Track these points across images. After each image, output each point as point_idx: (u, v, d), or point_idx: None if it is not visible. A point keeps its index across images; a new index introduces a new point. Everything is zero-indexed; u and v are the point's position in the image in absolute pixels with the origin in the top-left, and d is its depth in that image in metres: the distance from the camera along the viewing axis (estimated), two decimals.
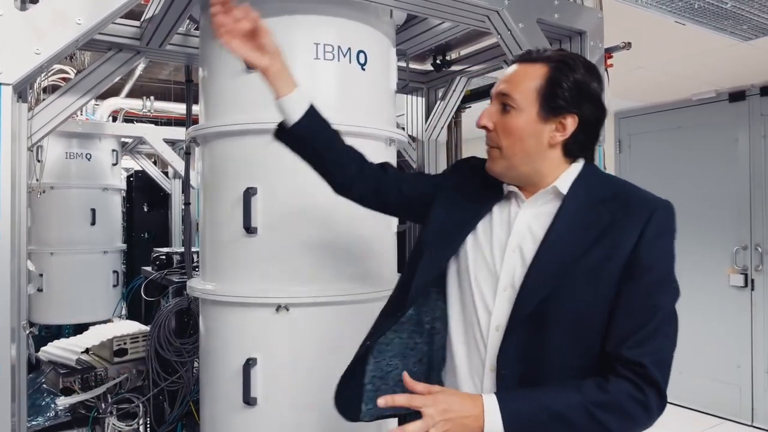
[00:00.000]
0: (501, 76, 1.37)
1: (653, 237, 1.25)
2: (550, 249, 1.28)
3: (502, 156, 1.32)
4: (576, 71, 1.29)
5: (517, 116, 1.29)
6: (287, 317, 1.99)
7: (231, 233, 2.05)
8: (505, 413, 1.16)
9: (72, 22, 1.42)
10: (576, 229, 1.27)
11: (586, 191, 1.32)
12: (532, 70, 1.31)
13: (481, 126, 1.33)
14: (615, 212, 1.27)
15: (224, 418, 2.10)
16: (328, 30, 2.06)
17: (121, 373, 3.07)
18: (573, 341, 1.25)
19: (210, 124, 2.13)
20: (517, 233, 1.33)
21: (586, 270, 1.24)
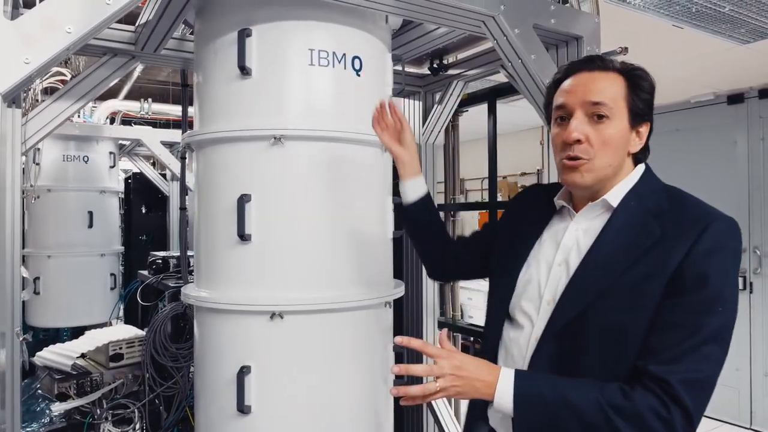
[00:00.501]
0: (568, 87, 1.32)
1: (704, 253, 1.16)
2: (591, 264, 1.27)
3: (593, 168, 1.27)
4: (646, 79, 1.31)
5: (612, 125, 1.27)
6: (282, 325, 1.98)
7: (225, 240, 2.04)
8: (518, 389, 1.18)
9: (62, 30, 1.41)
10: (621, 245, 1.25)
11: (639, 203, 1.28)
12: (612, 78, 1.29)
13: (574, 140, 1.26)
14: (666, 226, 1.22)
15: (218, 426, 2.08)
16: (323, 36, 2.04)
17: (117, 378, 3.06)
18: (607, 359, 1.22)
19: (204, 131, 2.11)
20: (564, 248, 1.34)
21: (626, 288, 1.21)
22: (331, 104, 2.07)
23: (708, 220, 1.21)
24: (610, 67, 1.31)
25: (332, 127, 2.04)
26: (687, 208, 1.27)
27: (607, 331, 1.21)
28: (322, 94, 2.06)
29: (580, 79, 1.31)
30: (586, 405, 1.14)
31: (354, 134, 2.07)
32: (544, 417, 1.18)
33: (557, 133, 1.32)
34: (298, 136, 2.00)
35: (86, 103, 2.52)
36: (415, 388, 1.21)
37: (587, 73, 1.30)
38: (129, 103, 5.30)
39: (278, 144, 1.98)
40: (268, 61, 2.00)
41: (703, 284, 1.15)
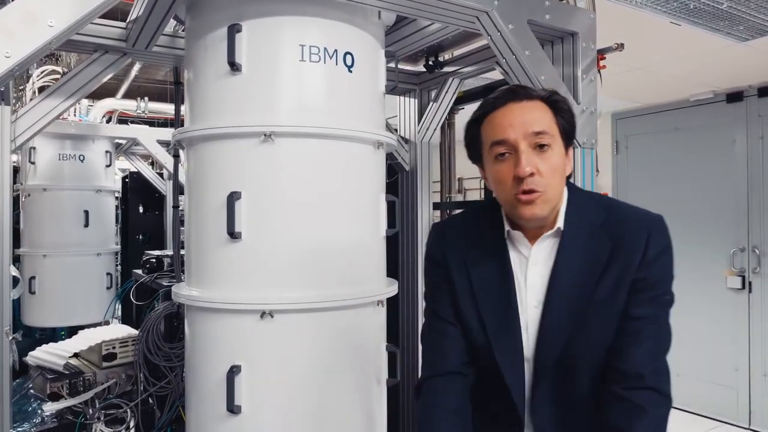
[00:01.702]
0: (502, 121, 1.28)
1: (655, 257, 1.26)
2: (559, 293, 1.27)
3: (548, 198, 1.26)
4: (565, 102, 1.33)
5: (554, 153, 1.27)
6: (272, 324, 1.96)
7: (215, 238, 2.01)
8: None
9: (44, 24, 1.38)
10: (582, 264, 1.27)
11: (580, 218, 1.31)
12: (539, 106, 1.29)
13: (528, 174, 1.23)
14: (614, 237, 1.27)
15: (209, 426, 2.06)
16: (314, 31, 2.02)
17: (110, 378, 3.04)
18: (593, 372, 1.28)
19: (194, 127, 2.09)
20: (533, 288, 1.31)
21: (600, 303, 1.25)
22: (323, 101, 2.05)
23: (648, 225, 1.28)
24: (534, 96, 1.30)
25: (324, 123, 2.02)
26: (622, 214, 1.32)
27: (597, 350, 1.26)
28: (313, 90, 2.03)
29: (511, 111, 1.28)
30: None
31: (346, 131, 2.05)
32: None
33: (503, 170, 1.27)
34: (289, 133, 1.97)
35: (77, 101, 2.50)
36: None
37: (516, 104, 1.28)
38: (125, 102, 5.29)
39: (269, 141, 1.96)
40: (259, 57, 1.98)
41: (657, 284, 1.28)
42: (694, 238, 4.76)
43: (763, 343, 4.41)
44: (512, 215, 1.32)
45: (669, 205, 4.94)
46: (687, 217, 4.80)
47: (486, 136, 1.31)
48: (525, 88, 1.32)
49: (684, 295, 4.88)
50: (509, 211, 1.32)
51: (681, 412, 4.83)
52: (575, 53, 2.34)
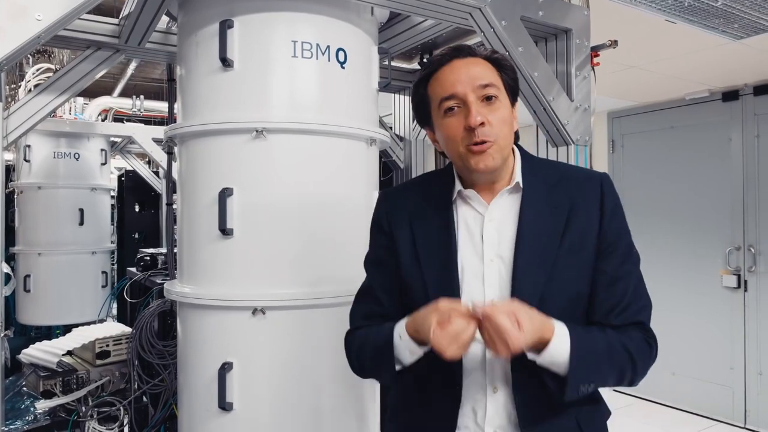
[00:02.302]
0: (449, 77, 1.27)
1: (612, 213, 1.30)
2: (529, 249, 1.26)
3: (500, 148, 1.27)
4: (507, 60, 1.34)
5: (502, 105, 1.28)
6: (264, 321, 1.95)
7: (207, 235, 2.01)
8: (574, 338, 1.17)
9: (31, 17, 1.37)
10: (546, 220, 1.28)
11: (536, 176, 1.33)
12: (482, 63, 1.29)
13: (479, 123, 1.23)
14: (570, 195, 1.30)
15: (201, 424, 2.06)
16: (306, 27, 2.01)
17: (104, 376, 3.03)
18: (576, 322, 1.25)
19: (186, 124, 2.09)
20: (489, 242, 1.29)
21: (568, 252, 1.27)
22: (315, 97, 2.04)
23: (599, 180, 1.32)
24: (477, 54, 1.31)
25: (316, 120, 2.01)
26: (572, 173, 1.37)
27: (566, 302, 1.26)
28: (305, 86, 2.03)
29: (457, 67, 1.28)
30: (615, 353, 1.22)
31: (338, 127, 2.04)
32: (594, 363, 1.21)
33: (453, 123, 1.27)
34: (281, 129, 1.97)
35: (70, 97, 2.49)
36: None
37: (461, 60, 1.29)
38: (121, 100, 5.28)
39: (260, 137, 1.95)
40: (251, 53, 1.98)
41: (621, 238, 1.31)
42: (689, 237, 4.76)
43: (759, 342, 4.41)
44: (464, 170, 1.31)
45: (665, 203, 4.95)
46: (683, 216, 4.80)
47: (434, 93, 1.31)
48: (468, 47, 1.33)
49: (679, 293, 4.92)
50: (461, 167, 1.32)
51: (676, 410, 4.84)
52: (569, 50, 2.34)
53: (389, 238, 1.38)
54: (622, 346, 1.23)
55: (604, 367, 1.22)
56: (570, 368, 1.16)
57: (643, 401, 4.99)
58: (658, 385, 4.82)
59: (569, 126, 2.30)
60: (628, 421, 4.54)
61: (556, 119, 2.27)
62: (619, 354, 1.23)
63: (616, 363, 1.23)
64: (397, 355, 1.25)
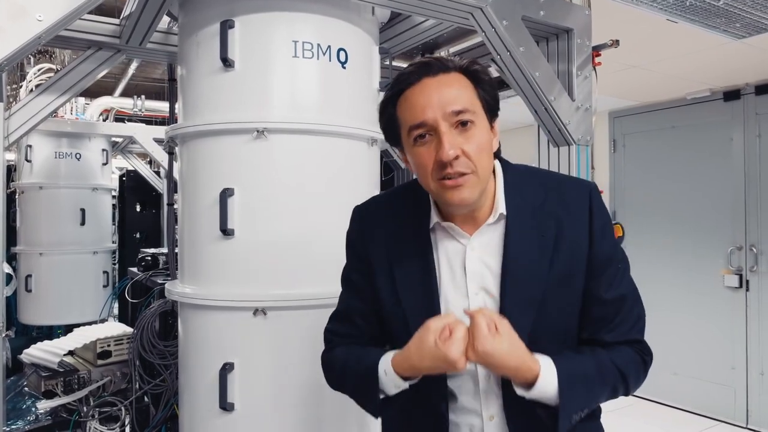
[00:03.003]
0: (419, 100, 1.16)
1: (601, 229, 1.23)
2: (515, 282, 1.20)
3: (478, 180, 1.16)
4: (485, 72, 1.22)
5: (478, 130, 1.16)
6: (265, 321, 1.95)
7: (208, 235, 2.01)
8: (561, 368, 1.13)
9: (32, 18, 1.37)
10: (532, 248, 1.20)
11: (521, 201, 1.24)
12: (458, 78, 1.18)
13: (452, 158, 1.12)
14: (556, 213, 1.22)
15: (202, 424, 2.06)
16: (307, 27, 2.01)
17: (105, 376, 3.03)
18: (563, 348, 1.23)
19: (187, 124, 2.09)
20: (473, 274, 1.22)
21: (556, 287, 1.20)
22: (316, 97, 2.04)
23: (584, 194, 1.24)
24: (451, 67, 1.18)
25: (317, 120, 2.01)
26: (559, 185, 1.28)
27: (558, 330, 1.22)
28: (306, 86, 2.03)
29: (427, 87, 1.16)
30: (607, 375, 1.19)
31: (339, 127, 2.04)
32: (585, 391, 1.17)
33: (423, 154, 1.16)
34: (282, 129, 1.97)
35: (71, 97, 2.49)
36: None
37: (431, 79, 1.16)
38: (122, 100, 5.28)
39: (261, 137, 1.95)
40: (251, 53, 1.98)
41: (611, 257, 1.24)
42: (691, 237, 4.75)
43: (761, 342, 4.40)
44: (441, 204, 1.23)
45: (666, 203, 4.94)
46: (684, 216, 4.79)
47: (403, 118, 1.19)
48: (440, 60, 1.19)
49: (681, 293, 4.91)
50: (437, 199, 1.23)
51: (678, 410, 4.83)
52: (570, 50, 2.33)
53: (364, 262, 1.32)
54: (611, 364, 1.19)
55: (596, 389, 1.19)
56: (561, 401, 1.11)
57: (645, 401, 4.99)
58: (659, 385, 4.81)
59: (570, 126, 2.29)
60: (630, 421, 4.54)
61: (557, 119, 2.27)
62: (609, 372, 1.19)
63: (608, 382, 1.20)
64: (381, 387, 1.21)
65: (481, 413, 1.24)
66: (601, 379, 1.19)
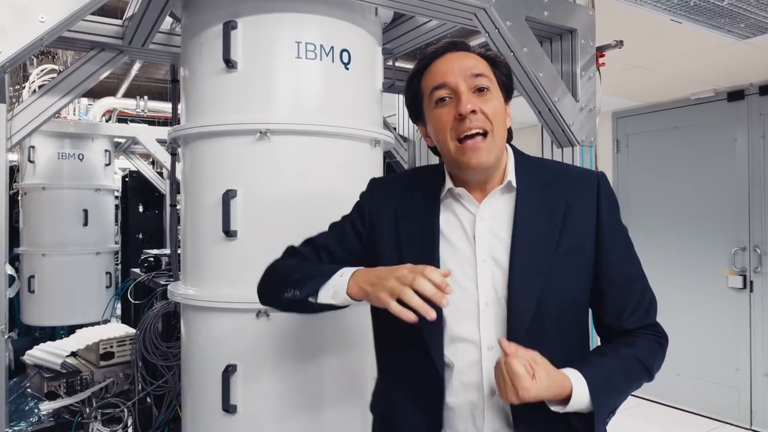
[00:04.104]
0: (441, 68, 1.26)
1: (609, 214, 1.28)
2: (525, 251, 1.23)
3: (494, 142, 1.23)
4: (501, 59, 1.32)
5: (493, 97, 1.25)
6: (268, 323, 1.95)
7: (210, 236, 2.00)
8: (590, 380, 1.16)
9: (35, 19, 1.37)
10: (541, 221, 1.25)
11: (530, 176, 1.31)
12: (475, 58, 1.27)
13: (469, 111, 1.20)
14: (565, 195, 1.27)
15: (205, 425, 2.05)
16: (311, 28, 2.01)
17: (108, 377, 3.03)
18: (570, 327, 1.28)
19: (190, 125, 2.08)
20: (481, 242, 1.25)
21: (564, 255, 1.24)
22: (319, 98, 2.03)
23: (594, 179, 1.30)
24: (470, 50, 1.30)
25: (320, 121, 2.00)
26: (566, 173, 1.35)
27: (564, 304, 1.25)
28: (309, 87, 2.02)
29: (450, 58, 1.27)
30: (631, 372, 1.24)
31: (342, 128, 2.04)
32: (614, 394, 1.22)
33: (444, 113, 1.24)
34: (285, 131, 1.96)
35: (74, 98, 2.49)
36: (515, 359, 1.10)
37: (454, 53, 1.27)
38: (124, 101, 5.28)
39: (264, 138, 1.94)
40: (254, 54, 1.97)
41: (621, 240, 1.30)
42: (694, 237, 4.73)
43: (765, 343, 4.38)
44: (456, 167, 1.27)
45: (670, 203, 4.93)
46: (688, 216, 4.78)
47: (426, 85, 1.29)
48: (463, 42, 1.31)
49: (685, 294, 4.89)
50: (453, 163, 1.27)
51: (681, 411, 4.82)
52: (574, 50, 2.32)
53: (363, 223, 1.38)
54: (636, 362, 1.24)
55: (624, 389, 1.24)
56: (594, 409, 1.15)
57: (648, 402, 4.97)
58: (663, 386, 4.80)
59: (574, 127, 2.28)
60: (633, 422, 4.52)
61: (561, 120, 2.26)
62: (634, 371, 1.24)
63: (634, 380, 1.25)
64: (323, 287, 1.23)
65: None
66: (628, 379, 1.24)
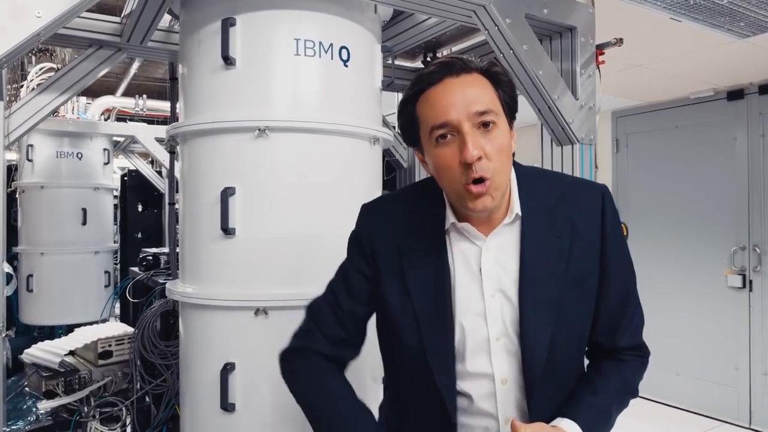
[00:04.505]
0: (441, 100, 1.14)
1: (612, 230, 1.25)
2: (533, 281, 1.19)
3: (498, 184, 1.15)
4: (504, 74, 1.21)
5: (499, 131, 1.15)
6: (266, 321, 1.94)
7: (209, 234, 1.99)
8: None
9: (31, 15, 1.36)
10: (548, 247, 1.21)
11: (535, 202, 1.24)
12: (479, 79, 1.17)
13: (476, 159, 1.11)
14: (570, 215, 1.24)
15: (203, 424, 2.04)
16: (309, 25, 2.00)
17: (106, 376, 3.02)
18: (578, 355, 1.29)
19: (188, 122, 2.07)
20: (489, 276, 1.21)
21: (573, 282, 1.21)
22: (318, 95, 2.03)
23: (596, 197, 1.27)
24: (472, 68, 1.17)
25: (318, 118, 2.00)
26: (571, 189, 1.29)
27: (573, 342, 1.25)
28: (308, 84, 2.01)
29: (450, 87, 1.15)
30: (620, 402, 1.26)
31: (341, 126, 2.03)
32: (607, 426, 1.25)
33: (447, 154, 1.14)
34: (284, 128, 1.96)
35: (71, 96, 2.48)
36: None
37: (454, 79, 1.15)
38: (123, 100, 5.27)
39: (263, 136, 1.94)
40: (253, 51, 1.96)
41: (622, 257, 1.28)
42: (694, 237, 4.73)
43: (764, 342, 4.38)
44: (460, 206, 1.20)
45: (669, 203, 4.92)
46: (687, 216, 4.77)
47: (424, 117, 1.17)
48: (461, 60, 1.18)
49: (684, 293, 4.88)
50: (456, 201, 1.20)
51: (681, 411, 4.81)
52: (574, 48, 2.31)
53: (369, 263, 1.29)
54: (625, 392, 1.27)
55: (614, 417, 1.25)
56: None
57: (647, 401, 4.96)
58: (662, 386, 4.79)
59: (574, 125, 2.28)
60: (632, 421, 4.49)
61: (560, 118, 2.25)
62: (624, 400, 1.27)
63: (623, 407, 1.28)
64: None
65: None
66: (618, 410, 1.26)
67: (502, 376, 1.21)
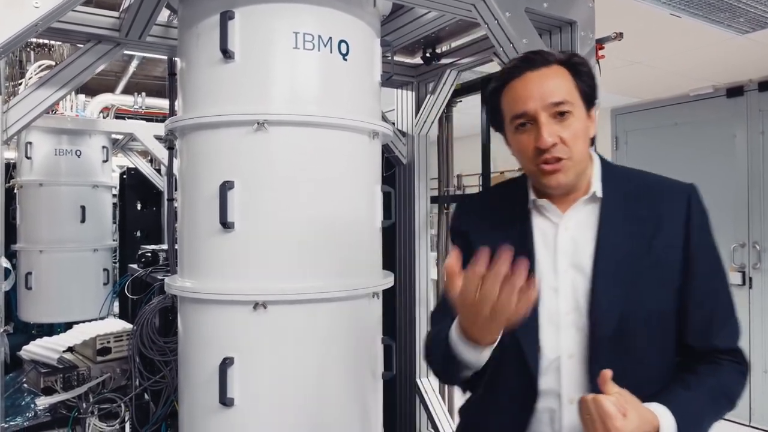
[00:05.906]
0: (521, 92, 1.26)
1: (700, 227, 1.28)
2: (608, 258, 1.24)
3: (573, 164, 1.25)
4: (585, 64, 1.31)
5: (575, 119, 1.25)
6: (265, 315, 1.93)
7: (207, 228, 1.98)
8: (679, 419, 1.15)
9: (29, 5, 1.35)
10: (626, 231, 1.26)
11: (615, 186, 1.31)
12: (558, 71, 1.27)
13: (549, 145, 1.22)
14: (653, 208, 1.28)
15: (201, 419, 2.04)
16: (308, 19, 1.99)
17: (105, 372, 3.02)
18: (655, 340, 1.26)
19: (187, 116, 2.06)
20: (563, 252, 1.28)
21: (651, 266, 1.24)
22: (317, 89, 2.02)
23: (686, 192, 1.30)
24: (551, 60, 1.28)
25: (317, 112, 1.99)
26: (657, 185, 1.34)
27: (650, 317, 1.24)
28: (307, 78, 2.00)
29: (529, 81, 1.26)
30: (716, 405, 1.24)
31: (340, 120, 2.02)
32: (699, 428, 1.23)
33: (523, 141, 1.27)
34: (283, 122, 1.95)
35: (70, 91, 2.47)
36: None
37: (534, 73, 1.26)
38: (122, 98, 5.25)
39: (262, 129, 1.93)
40: (252, 45, 1.95)
41: (710, 256, 1.29)
42: None
43: (764, 340, 4.38)
44: (539, 185, 1.32)
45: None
46: None
47: (506, 107, 1.30)
48: (541, 53, 1.30)
49: None
50: (535, 181, 1.32)
51: None
52: (573, 42, 2.31)
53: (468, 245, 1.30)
54: (721, 395, 1.25)
55: (708, 425, 1.24)
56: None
57: None
58: None
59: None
60: None
61: None
62: (720, 405, 1.25)
63: (719, 413, 1.25)
64: (460, 355, 1.20)
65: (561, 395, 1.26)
66: (713, 414, 1.24)
67: (569, 351, 1.25)
